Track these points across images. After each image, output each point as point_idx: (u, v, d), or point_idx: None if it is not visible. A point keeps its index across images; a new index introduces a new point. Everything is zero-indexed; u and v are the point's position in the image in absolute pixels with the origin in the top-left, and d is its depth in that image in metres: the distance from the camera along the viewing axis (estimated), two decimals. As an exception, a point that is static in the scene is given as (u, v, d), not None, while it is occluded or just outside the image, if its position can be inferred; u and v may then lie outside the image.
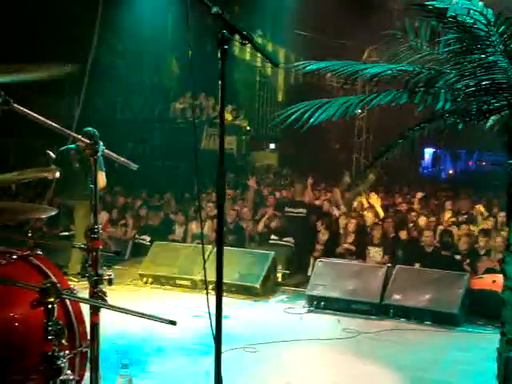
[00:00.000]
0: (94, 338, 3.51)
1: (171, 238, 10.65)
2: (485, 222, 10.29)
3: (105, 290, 3.47)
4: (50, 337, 2.84)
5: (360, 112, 15.72)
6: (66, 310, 3.45)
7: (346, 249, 9.63)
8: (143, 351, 5.96)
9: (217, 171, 2.94)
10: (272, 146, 20.63)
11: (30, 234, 3.75)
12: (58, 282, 3.18)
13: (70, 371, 3.02)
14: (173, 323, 2.77)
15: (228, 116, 16.53)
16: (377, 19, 13.02)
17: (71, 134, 3.66)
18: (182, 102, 18.05)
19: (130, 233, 11.14)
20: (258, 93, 19.97)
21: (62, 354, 2.90)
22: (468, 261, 8.74)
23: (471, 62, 4.40)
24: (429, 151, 26.27)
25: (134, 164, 3.95)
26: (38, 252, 3.67)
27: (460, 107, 4.55)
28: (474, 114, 4.56)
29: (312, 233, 10.18)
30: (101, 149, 3.50)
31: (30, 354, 3.14)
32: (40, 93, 14.53)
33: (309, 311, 7.72)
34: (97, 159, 3.52)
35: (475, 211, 11.07)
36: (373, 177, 12.55)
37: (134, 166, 3.97)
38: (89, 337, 3.53)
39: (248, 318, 7.42)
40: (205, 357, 5.49)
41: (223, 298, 2.97)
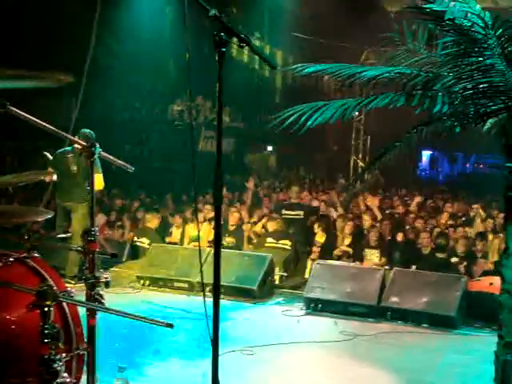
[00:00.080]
0: (90, 341, 3.51)
1: (168, 240, 10.62)
2: (482, 225, 10.30)
3: (102, 293, 3.47)
4: (46, 340, 2.84)
5: (357, 114, 15.74)
6: (62, 313, 3.44)
7: (343, 251, 9.63)
8: (140, 354, 5.94)
9: (214, 173, 2.94)
10: (270, 148, 20.65)
11: (26, 237, 3.74)
12: (54, 285, 3.17)
13: (66, 374, 3.01)
14: (170, 326, 2.77)
15: (225, 118, 16.54)
16: (375, 21, 13.04)
17: (68, 136, 3.65)
18: (179, 104, 18.06)
19: (127, 235, 11.11)
20: (255, 95, 19.95)
21: (59, 357, 2.90)
22: (465, 263, 8.75)
23: (469, 64, 4.41)
24: (426, 153, 26.31)
25: (130, 166, 3.95)
26: (35, 254, 3.66)
27: (457, 110, 4.55)
28: (471, 117, 4.56)
29: (309, 235, 10.18)
30: (97, 151, 3.50)
31: (27, 356, 3.13)
32: (38, 94, 14.51)
33: (306, 314, 7.71)
34: (93, 161, 3.52)
35: (473, 211, 11.07)
36: (370, 177, 12.59)
37: (130, 168, 3.96)
38: (86, 339, 3.53)
39: (245, 321, 7.41)
40: (202, 359, 5.47)
41: (220, 301, 2.97)
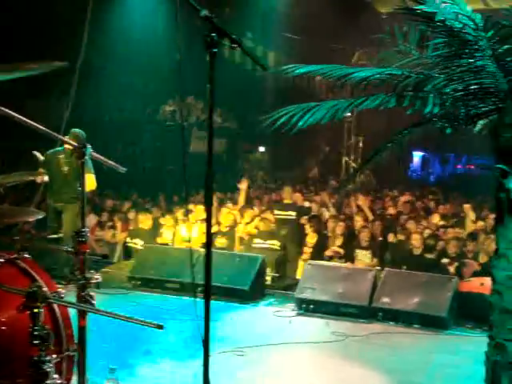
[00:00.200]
0: (81, 342, 3.50)
1: (160, 240, 10.60)
2: (473, 225, 10.32)
3: (92, 294, 3.46)
4: (36, 341, 2.82)
5: (349, 115, 15.76)
6: (52, 314, 3.43)
7: (334, 251, 9.64)
8: (131, 355, 5.92)
9: (205, 174, 2.94)
10: (262, 149, 20.63)
11: (17, 238, 3.73)
12: (45, 286, 3.16)
13: (56, 375, 3.00)
14: (160, 327, 2.76)
15: (217, 118, 16.53)
16: (366, 22, 13.08)
17: (58, 136, 3.63)
18: (171, 104, 18.03)
19: (119, 236, 11.07)
20: (247, 95, 19.93)
21: (49, 358, 2.88)
22: (456, 264, 8.77)
23: (459, 66, 4.41)
24: (418, 154, 26.37)
25: (121, 167, 3.94)
26: (25, 255, 3.65)
27: (448, 111, 4.56)
28: (462, 119, 4.57)
29: (301, 235, 10.18)
30: (88, 152, 3.49)
31: (17, 358, 3.12)
32: (29, 95, 14.45)
33: (298, 314, 7.71)
34: (84, 162, 3.51)
35: (464, 210, 11.07)
36: (361, 178, 12.61)
37: (121, 169, 3.95)
38: (76, 341, 3.52)
39: (237, 321, 7.40)
40: (193, 360, 5.46)
41: (212, 301, 2.96)
